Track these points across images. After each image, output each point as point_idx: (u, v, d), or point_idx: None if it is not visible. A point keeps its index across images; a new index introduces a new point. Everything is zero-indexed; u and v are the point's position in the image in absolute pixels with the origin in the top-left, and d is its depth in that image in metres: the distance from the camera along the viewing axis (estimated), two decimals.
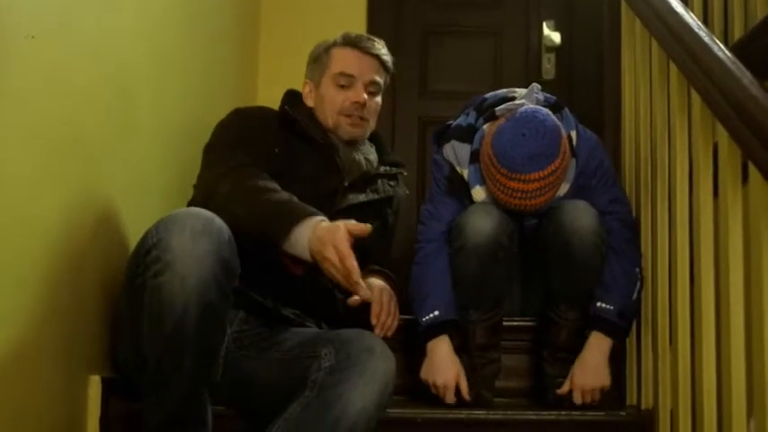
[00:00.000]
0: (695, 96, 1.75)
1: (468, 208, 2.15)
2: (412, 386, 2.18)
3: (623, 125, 2.31)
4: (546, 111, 2.05)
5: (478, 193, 2.15)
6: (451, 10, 3.85)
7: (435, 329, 2.11)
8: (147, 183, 2.18)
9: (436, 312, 2.10)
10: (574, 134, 2.15)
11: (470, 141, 2.17)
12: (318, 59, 2.20)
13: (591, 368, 2.06)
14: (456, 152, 2.19)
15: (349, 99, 2.14)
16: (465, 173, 2.17)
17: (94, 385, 1.83)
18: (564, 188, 2.13)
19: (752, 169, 1.47)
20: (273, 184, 1.90)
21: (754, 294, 1.46)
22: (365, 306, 2.08)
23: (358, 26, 3.63)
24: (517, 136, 1.98)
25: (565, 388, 2.07)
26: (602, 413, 2.03)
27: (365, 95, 2.15)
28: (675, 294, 1.84)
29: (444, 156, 2.22)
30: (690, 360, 1.78)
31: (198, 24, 2.65)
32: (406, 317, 2.19)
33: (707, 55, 1.67)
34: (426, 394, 2.12)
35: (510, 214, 2.13)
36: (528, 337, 2.27)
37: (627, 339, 2.14)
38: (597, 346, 2.07)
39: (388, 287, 2.12)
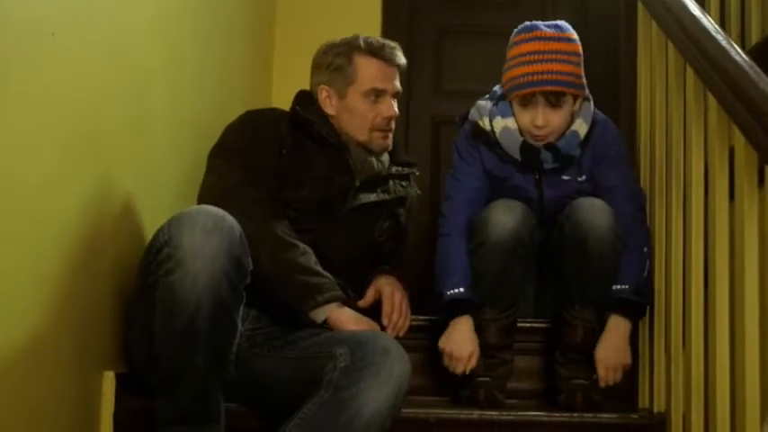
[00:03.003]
0: (711, 100, 1.74)
1: (489, 204, 2.16)
2: (424, 386, 2.18)
3: (639, 127, 2.30)
4: None
5: (499, 122, 2.17)
6: (466, 11, 3.85)
7: (457, 308, 2.11)
8: (163, 180, 2.19)
9: (461, 289, 2.11)
10: (592, 105, 2.21)
11: (493, 100, 2.22)
12: (340, 69, 2.16)
13: (613, 347, 2.07)
14: (479, 108, 2.22)
15: (381, 114, 2.15)
16: (486, 120, 2.19)
17: (108, 381, 1.85)
18: (582, 127, 2.16)
19: None
20: (295, 239, 1.97)
21: None
22: (377, 306, 2.09)
23: (373, 26, 3.64)
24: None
25: (602, 374, 2.07)
26: (615, 415, 2.03)
27: (395, 108, 2.17)
28: (689, 296, 1.83)
29: (469, 117, 2.25)
30: (703, 363, 1.77)
31: (214, 23, 2.66)
32: (419, 317, 2.20)
33: (724, 59, 1.67)
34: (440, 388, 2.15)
35: (530, 155, 2.15)
36: (540, 338, 2.27)
37: (639, 343, 2.14)
38: (616, 329, 2.08)
39: (400, 287, 2.13)
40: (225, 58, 2.83)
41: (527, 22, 2.18)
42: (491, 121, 2.18)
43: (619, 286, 2.09)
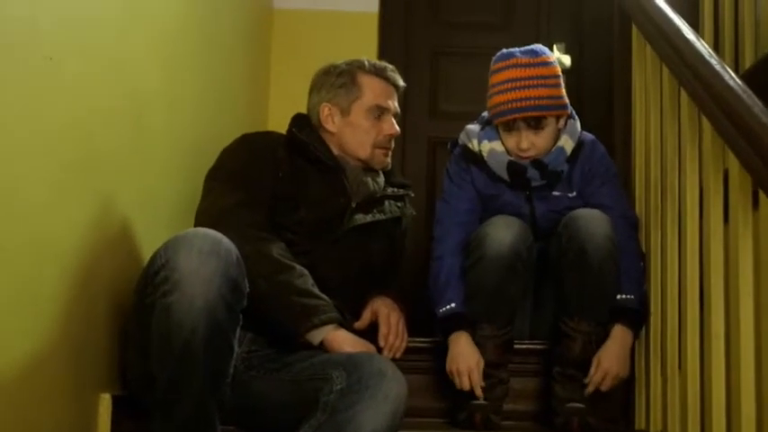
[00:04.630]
0: (706, 123, 1.75)
1: (487, 221, 2.18)
2: (421, 408, 2.18)
3: (634, 150, 2.31)
4: None
5: (486, 146, 2.23)
6: (461, 32, 3.87)
7: (452, 323, 2.12)
8: (161, 202, 2.19)
9: (453, 305, 2.13)
10: (578, 124, 2.27)
11: (481, 124, 2.29)
12: (345, 86, 2.21)
13: (616, 356, 2.08)
14: (468, 132, 2.29)
15: (383, 132, 2.20)
16: (474, 142, 2.25)
17: (105, 403, 1.84)
18: (568, 143, 2.21)
19: (762, 197, 1.48)
20: (291, 261, 1.97)
21: (763, 319, 1.47)
22: (373, 327, 2.09)
23: (369, 48, 3.65)
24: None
25: (596, 377, 2.07)
26: None
27: (397, 126, 2.22)
28: (685, 318, 1.84)
29: (459, 141, 2.31)
30: (699, 384, 1.78)
31: (211, 47, 2.68)
32: (416, 338, 2.20)
33: (718, 83, 1.68)
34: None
35: (518, 174, 2.19)
36: (537, 360, 2.26)
37: (636, 364, 2.14)
38: (621, 339, 2.09)
39: (396, 308, 2.13)
40: (222, 81, 2.84)
41: (504, 50, 2.24)
42: (479, 144, 2.24)
43: (624, 296, 2.11)
